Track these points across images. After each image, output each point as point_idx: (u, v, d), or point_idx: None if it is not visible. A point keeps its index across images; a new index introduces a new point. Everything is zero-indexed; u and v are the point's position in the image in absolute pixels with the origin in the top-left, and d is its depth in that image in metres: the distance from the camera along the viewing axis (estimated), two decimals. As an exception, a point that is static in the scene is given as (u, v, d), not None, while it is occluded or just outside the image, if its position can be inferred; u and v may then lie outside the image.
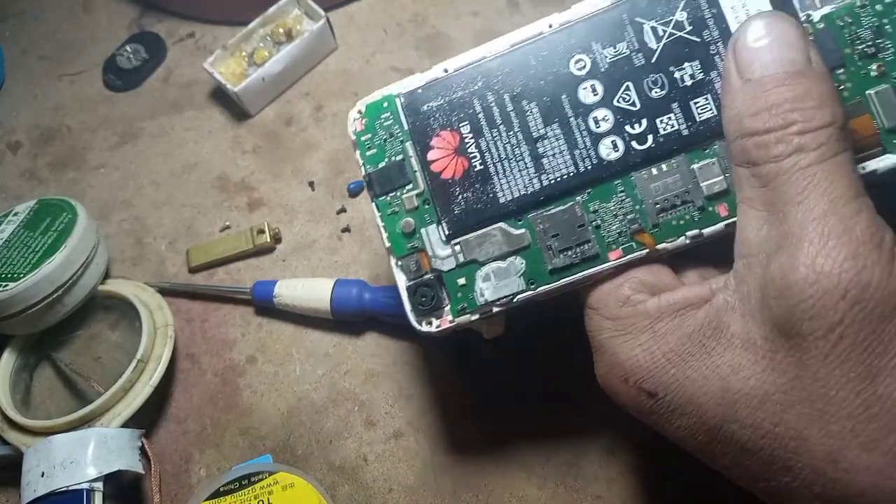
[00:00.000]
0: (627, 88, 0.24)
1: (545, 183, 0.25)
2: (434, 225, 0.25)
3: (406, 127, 0.26)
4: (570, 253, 0.24)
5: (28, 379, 0.38)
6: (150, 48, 0.46)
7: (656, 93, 0.24)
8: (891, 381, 0.18)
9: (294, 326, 0.38)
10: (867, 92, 0.23)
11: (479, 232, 0.25)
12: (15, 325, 0.36)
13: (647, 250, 0.24)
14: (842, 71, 0.23)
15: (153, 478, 0.33)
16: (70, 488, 0.31)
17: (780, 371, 0.19)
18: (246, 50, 0.44)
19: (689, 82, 0.24)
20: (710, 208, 0.24)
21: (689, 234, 0.24)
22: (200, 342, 0.38)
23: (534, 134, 0.25)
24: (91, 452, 0.32)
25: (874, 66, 0.23)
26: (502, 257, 0.25)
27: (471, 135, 0.25)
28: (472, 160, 0.25)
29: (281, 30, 0.43)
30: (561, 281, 0.24)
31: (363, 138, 0.26)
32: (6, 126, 0.46)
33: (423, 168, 0.25)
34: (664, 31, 0.24)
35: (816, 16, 0.24)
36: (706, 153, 0.24)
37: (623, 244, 0.24)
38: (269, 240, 0.39)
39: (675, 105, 0.24)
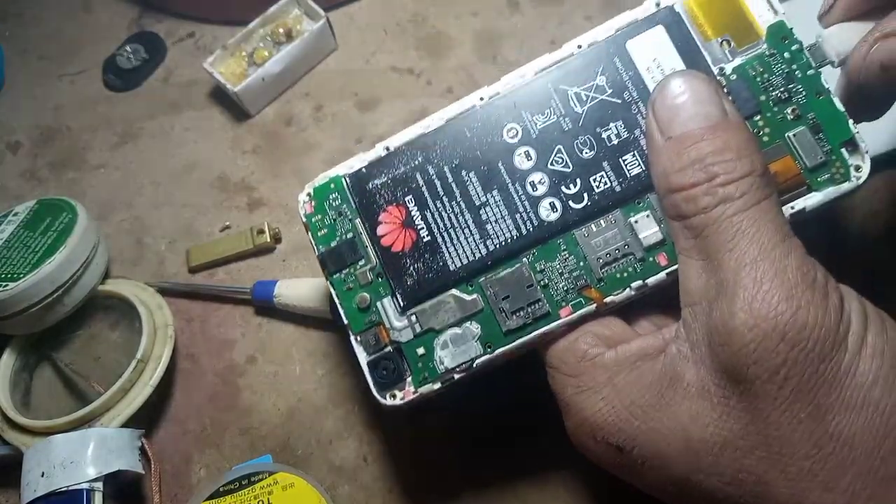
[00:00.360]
0: (559, 151, 0.25)
1: (491, 248, 0.25)
2: (389, 297, 0.26)
3: (354, 205, 0.27)
4: (522, 313, 0.25)
5: (28, 379, 0.38)
6: (149, 48, 0.46)
7: (586, 153, 0.25)
8: (840, 419, 0.19)
9: (294, 326, 0.38)
10: (786, 135, 0.24)
11: (433, 301, 0.26)
12: (15, 325, 0.36)
13: (596, 305, 0.25)
14: (759, 117, 0.24)
15: (153, 478, 0.33)
16: (70, 488, 0.31)
17: (734, 417, 0.20)
18: (246, 50, 0.44)
19: (615, 141, 0.25)
20: (651, 258, 0.24)
21: (633, 285, 0.24)
22: (200, 342, 0.38)
23: (475, 202, 0.26)
24: (91, 452, 0.32)
25: (789, 110, 0.24)
26: (458, 323, 0.25)
27: (416, 208, 0.26)
28: (420, 232, 0.26)
29: (281, 30, 0.43)
30: (517, 342, 0.25)
31: (314, 220, 0.27)
32: (6, 126, 0.46)
33: (374, 243, 0.26)
34: (587, 96, 0.25)
35: (729, 68, 0.25)
36: (640, 206, 0.25)
37: (572, 301, 0.25)
38: (269, 240, 0.39)
39: (605, 163, 0.25)
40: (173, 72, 0.46)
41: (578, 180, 0.25)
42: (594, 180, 0.25)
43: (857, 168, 0.24)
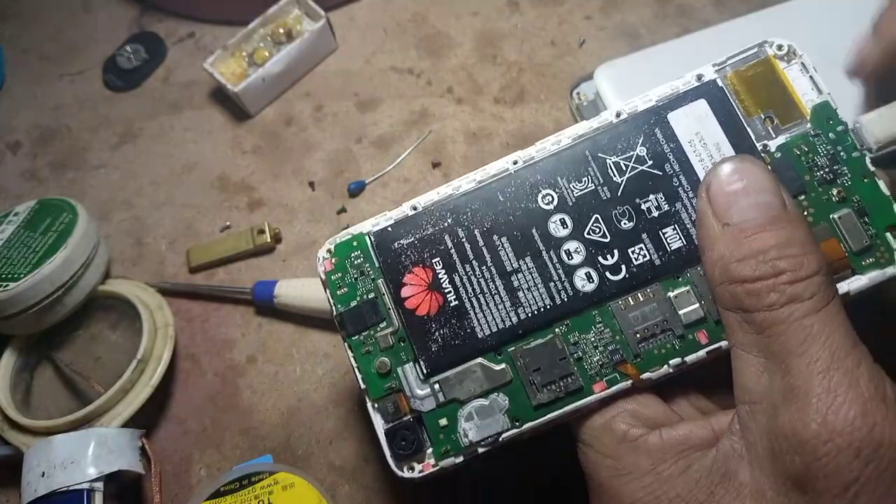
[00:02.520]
0: (597, 221, 0.25)
1: (522, 316, 0.24)
2: (411, 363, 0.25)
3: (377, 264, 0.25)
4: (553, 387, 0.24)
5: (28, 379, 0.38)
6: (150, 48, 0.46)
7: (625, 224, 0.25)
8: None
9: (294, 326, 0.38)
10: (831, 216, 0.24)
11: (459, 369, 0.24)
12: (15, 325, 0.36)
13: (632, 381, 0.24)
14: (803, 197, 0.24)
15: (153, 478, 0.33)
16: (70, 488, 0.31)
17: None
18: (246, 50, 0.44)
19: (655, 213, 0.24)
20: (691, 336, 0.23)
21: (672, 362, 0.23)
22: (201, 342, 0.38)
23: (507, 268, 0.25)
24: (91, 452, 0.32)
25: (834, 191, 0.24)
26: (484, 394, 0.24)
27: (444, 270, 0.25)
28: (447, 295, 0.25)
29: (281, 30, 0.43)
30: (547, 416, 0.24)
31: (333, 277, 0.26)
32: (6, 126, 0.46)
33: (397, 305, 0.25)
34: (626, 165, 0.25)
35: (773, 145, 0.24)
36: (680, 281, 0.24)
37: (607, 375, 0.24)
38: (269, 240, 0.39)
39: (644, 235, 0.24)
40: (173, 72, 0.46)
41: (616, 251, 0.24)
42: (633, 252, 0.24)
43: None
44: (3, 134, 0.46)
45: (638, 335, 0.24)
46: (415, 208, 0.26)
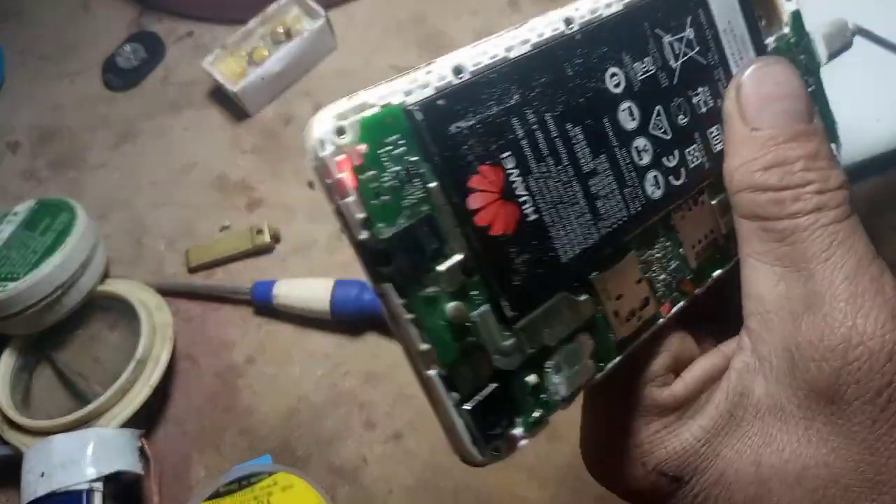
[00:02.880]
0: (659, 113, 0.21)
1: (603, 232, 0.19)
2: (487, 306, 0.17)
3: (430, 157, 0.17)
4: (634, 319, 0.20)
5: (28, 379, 0.38)
6: (149, 48, 0.46)
7: (682, 120, 0.21)
8: None
9: (293, 327, 0.38)
10: None
11: (545, 307, 0.19)
12: (14, 325, 0.36)
13: (688, 298, 0.21)
14: None
15: (153, 478, 0.33)
16: (70, 488, 0.31)
17: (819, 441, 0.18)
18: (245, 49, 0.44)
19: (704, 109, 0.22)
20: (727, 246, 0.22)
21: (714, 275, 0.22)
22: (200, 342, 0.38)
23: (584, 169, 0.19)
24: (91, 453, 0.32)
25: None
26: (571, 336, 0.19)
27: (517, 171, 0.18)
28: (523, 207, 0.18)
29: (280, 29, 0.43)
30: (626, 352, 0.20)
31: (365, 177, 0.16)
32: (6, 126, 0.46)
33: (464, 222, 0.17)
34: (679, 49, 0.21)
35: (770, 49, 0.23)
36: (721, 189, 0.22)
37: (671, 295, 0.21)
38: (268, 240, 0.39)
39: (697, 135, 0.21)
40: (172, 71, 0.46)
41: (676, 152, 0.21)
42: (689, 153, 0.21)
43: None
44: (3, 134, 0.46)
45: (694, 248, 0.21)
46: (459, 74, 0.17)
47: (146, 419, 0.36)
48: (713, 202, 0.22)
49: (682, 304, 0.21)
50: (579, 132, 0.19)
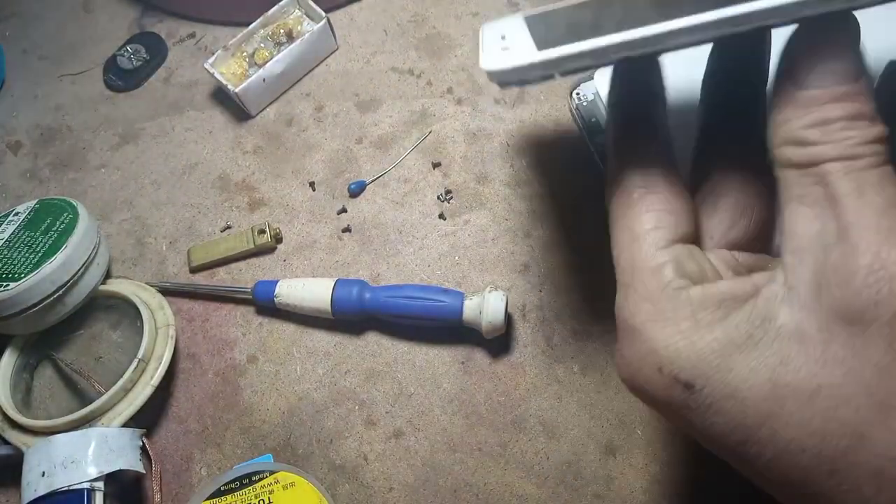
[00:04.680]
0: None
1: None
2: None
3: None
4: None
5: (29, 379, 0.38)
6: (150, 48, 0.46)
7: None
8: None
9: (295, 326, 0.38)
10: None
11: None
12: (16, 325, 0.36)
13: None
14: None
15: (154, 477, 0.34)
16: (71, 488, 0.32)
17: (835, 362, 0.19)
18: (247, 50, 0.44)
19: None
20: None
21: None
22: (201, 342, 0.38)
23: None
24: (92, 452, 0.32)
25: None
26: None
27: None
28: None
29: (282, 30, 0.43)
30: None
31: None
32: (7, 126, 0.46)
33: None
34: None
35: None
36: None
37: None
38: (269, 240, 0.39)
39: None
40: (174, 72, 0.46)
41: None
42: None
43: None
44: (4, 134, 0.46)
45: None
46: None
47: (148, 418, 0.36)
48: None
49: None
50: None
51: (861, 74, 0.21)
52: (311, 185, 0.41)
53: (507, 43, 0.23)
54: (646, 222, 0.22)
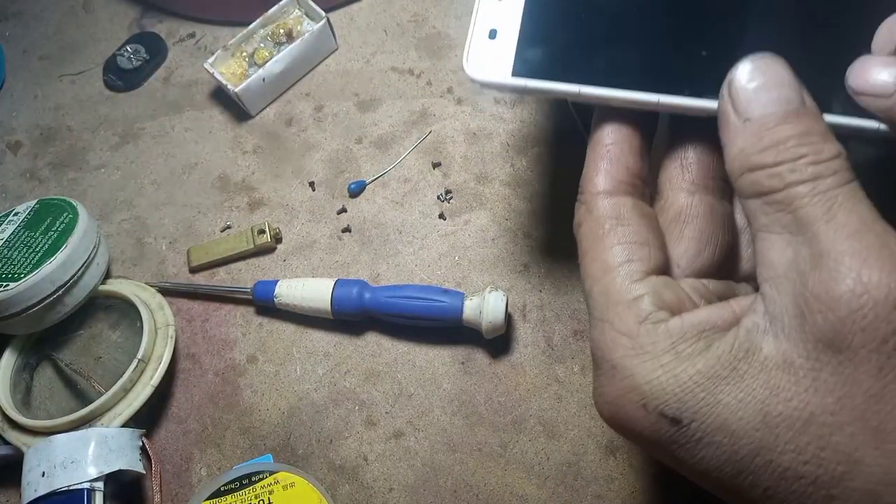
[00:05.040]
0: None
1: None
2: None
3: None
4: None
5: (29, 379, 0.38)
6: (150, 48, 0.46)
7: None
8: None
9: (295, 326, 0.38)
10: None
11: None
12: (16, 325, 0.36)
13: None
14: None
15: (154, 477, 0.33)
16: (71, 488, 0.31)
17: (826, 390, 0.19)
18: (246, 50, 0.44)
19: None
20: None
21: None
22: (201, 342, 0.38)
23: None
24: (92, 452, 0.32)
25: None
26: None
27: None
28: None
29: (281, 30, 0.43)
30: None
31: None
32: (6, 126, 0.46)
33: None
34: None
35: None
36: None
37: None
38: (269, 240, 0.39)
39: None
40: (174, 72, 0.46)
41: None
42: None
43: None
44: (4, 134, 0.46)
45: None
46: None
47: (147, 418, 0.36)
48: None
49: None
50: None
51: (804, 98, 0.21)
52: (311, 185, 0.41)
53: (494, 45, 0.25)
54: (618, 255, 0.22)
